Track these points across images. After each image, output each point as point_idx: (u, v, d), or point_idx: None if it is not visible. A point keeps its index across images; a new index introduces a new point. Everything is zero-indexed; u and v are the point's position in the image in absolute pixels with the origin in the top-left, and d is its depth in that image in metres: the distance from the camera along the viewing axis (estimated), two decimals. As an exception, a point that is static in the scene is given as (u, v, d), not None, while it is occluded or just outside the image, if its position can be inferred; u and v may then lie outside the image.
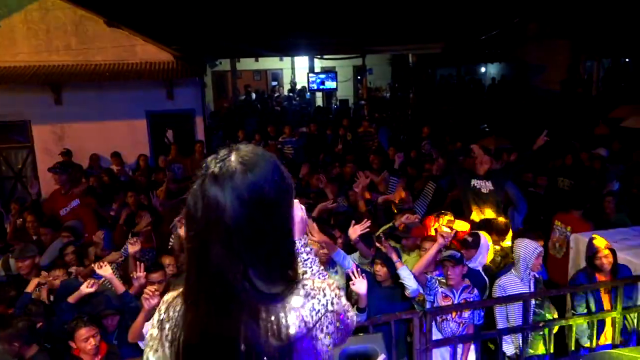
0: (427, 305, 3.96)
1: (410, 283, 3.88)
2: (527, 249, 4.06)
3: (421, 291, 3.98)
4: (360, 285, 3.50)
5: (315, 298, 1.17)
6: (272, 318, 1.11)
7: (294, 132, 11.28)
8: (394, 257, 3.93)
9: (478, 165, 5.64)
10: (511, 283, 4.09)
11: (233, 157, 1.14)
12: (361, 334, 3.16)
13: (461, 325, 3.96)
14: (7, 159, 10.35)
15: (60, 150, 9.56)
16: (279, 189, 1.15)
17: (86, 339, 3.30)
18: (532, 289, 4.08)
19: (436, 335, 3.81)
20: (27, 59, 9.84)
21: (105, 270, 3.80)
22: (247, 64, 19.66)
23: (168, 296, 1.28)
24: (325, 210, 5.59)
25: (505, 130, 11.37)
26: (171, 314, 1.23)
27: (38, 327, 3.75)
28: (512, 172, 5.94)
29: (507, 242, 5.01)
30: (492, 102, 17.09)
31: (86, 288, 3.69)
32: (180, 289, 1.23)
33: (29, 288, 4.28)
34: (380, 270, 3.97)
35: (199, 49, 11.71)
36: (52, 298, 4.32)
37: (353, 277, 3.50)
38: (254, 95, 17.98)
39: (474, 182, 5.57)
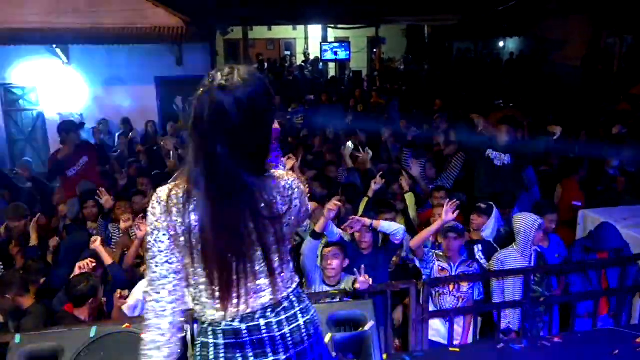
0: (424, 278, 3.89)
1: (395, 228, 3.84)
2: (526, 222, 3.94)
3: (417, 264, 3.92)
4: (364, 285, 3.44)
5: (284, 179, 1.53)
6: (265, 196, 1.45)
7: (304, 100, 11.14)
8: (367, 221, 3.84)
9: (497, 135, 5.39)
10: (510, 257, 4.00)
11: (236, 74, 1.41)
12: (350, 300, 3.12)
13: (460, 299, 3.88)
14: (16, 121, 10.40)
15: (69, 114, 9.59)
16: (267, 102, 1.45)
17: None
18: (533, 264, 3.98)
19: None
20: (38, 20, 9.76)
21: (95, 243, 3.79)
22: (260, 32, 19.37)
23: (162, 191, 1.47)
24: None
25: (521, 106, 11.11)
26: (175, 200, 1.44)
27: (41, 283, 3.81)
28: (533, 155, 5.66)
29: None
30: (509, 77, 16.70)
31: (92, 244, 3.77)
32: (177, 181, 1.47)
33: (32, 242, 4.34)
34: (364, 237, 3.92)
35: (209, 15, 11.52)
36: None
37: (358, 276, 3.42)
38: (265, 64, 17.76)
39: (489, 152, 5.36)
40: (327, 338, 2.25)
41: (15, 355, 2.20)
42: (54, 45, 9.64)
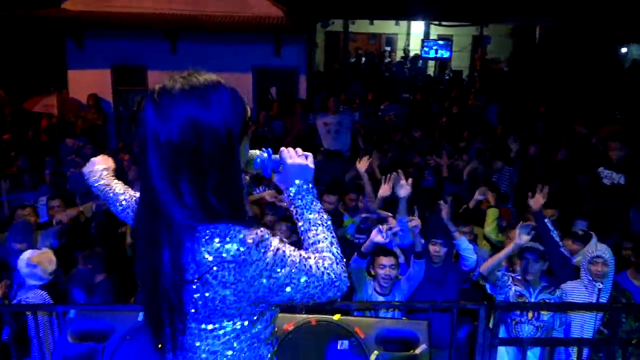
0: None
1: (470, 255, 3.58)
2: (585, 253, 3.53)
3: (488, 290, 3.61)
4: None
5: (222, 241, 1.17)
6: (195, 246, 1.18)
7: (398, 99, 10.87)
8: (451, 226, 3.60)
9: (610, 151, 4.81)
10: (575, 290, 3.57)
11: (180, 81, 1.21)
12: (404, 319, 2.92)
13: (539, 329, 3.53)
14: (126, 100, 11.13)
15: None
16: (218, 118, 1.20)
17: None
18: (596, 300, 3.50)
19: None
20: (152, 5, 10.35)
21: None
22: (361, 26, 19.21)
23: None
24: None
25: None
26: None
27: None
28: None
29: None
30: (630, 87, 15.15)
31: None
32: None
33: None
34: (440, 250, 3.66)
35: (310, 6, 11.56)
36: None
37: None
38: (363, 59, 17.60)
39: (601, 170, 4.82)
40: (372, 357, 2.08)
41: (68, 328, 2.27)
42: (164, 30, 10.17)
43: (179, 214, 1.18)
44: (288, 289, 1.23)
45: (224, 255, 1.16)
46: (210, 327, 1.25)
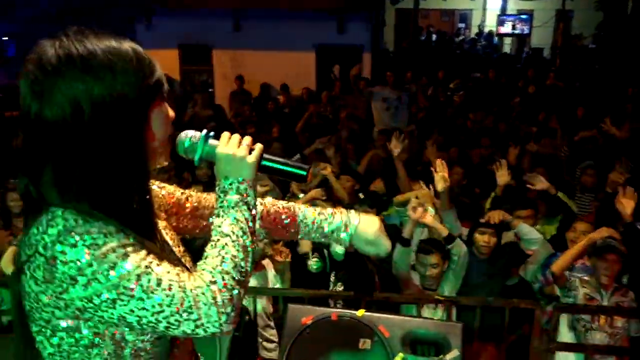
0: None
1: (534, 235, 3.24)
2: None
3: (557, 292, 3.20)
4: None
5: (42, 226, 0.96)
6: (30, 228, 0.98)
7: (469, 77, 10.27)
8: (507, 216, 3.25)
9: None
10: None
11: (57, 46, 0.97)
12: (436, 319, 2.62)
13: (612, 337, 3.10)
14: (192, 80, 11.31)
15: (235, 76, 10.13)
16: (101, 85, 0.96)
17: None
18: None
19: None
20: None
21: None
22: (434, 1, 18.39)
23: None
24: None
25: None
26: None
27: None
28: None
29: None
30: None
31: None
32: None
33: None
34: (490, 240, 3.30)
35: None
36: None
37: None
38: (434, 37, 16.86)
39: None
40: (397, 359, 1.84)
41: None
42: (228, 9, 10.17)
43: (35, 189, 1.00)
44: (119, 306, 0.94)
45: (39, 244, 0.95)
46: (35, 332, 1.03)
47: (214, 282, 0.99)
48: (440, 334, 2.01)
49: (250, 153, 1.15)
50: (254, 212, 1.13)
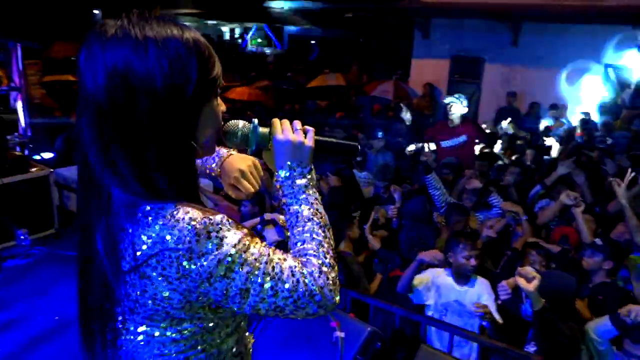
0: None
1: None
2: None
3: None
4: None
5: (165, 224, 0.94)
6: (130, 230, 0.96)
7: None
8: None
9: None
10: None
11: (119, 24, 0.95)
12: None
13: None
14: (459, 92, 10.99)
15: (506, 92, 9.48)
16: (156, 72, 0.93)
17: None
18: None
19: None
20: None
21: None
22: None
23: None
24: None
25: None
26: None
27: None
28: None
29: None
30: None
31: None
32: None
33: None
34: None
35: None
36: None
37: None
38: None
39: None
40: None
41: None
42: (506, 22, 9.55)
43: (116, 188, 0.97)
44: (247, 296, 0.96)
45: (167, 241, 0.92)
46: (150, 330, 1.01)
47: (323, 264, 1.05)
48: None
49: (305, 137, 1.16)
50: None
